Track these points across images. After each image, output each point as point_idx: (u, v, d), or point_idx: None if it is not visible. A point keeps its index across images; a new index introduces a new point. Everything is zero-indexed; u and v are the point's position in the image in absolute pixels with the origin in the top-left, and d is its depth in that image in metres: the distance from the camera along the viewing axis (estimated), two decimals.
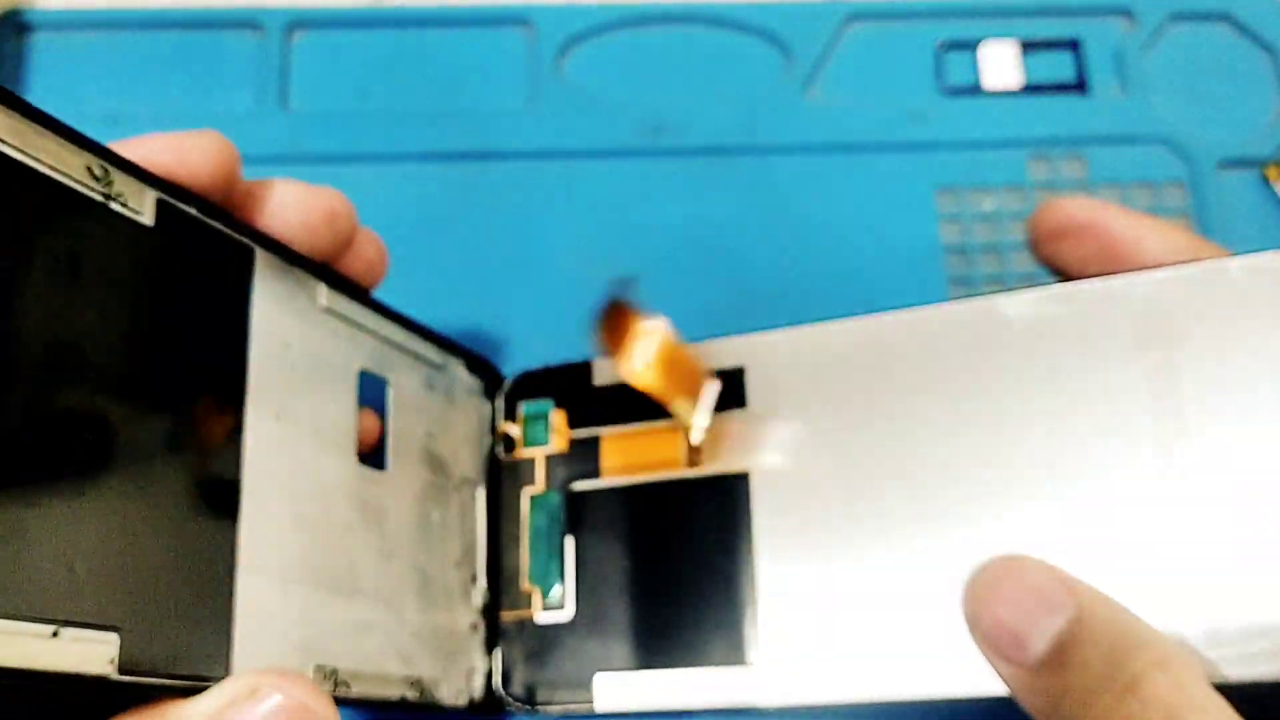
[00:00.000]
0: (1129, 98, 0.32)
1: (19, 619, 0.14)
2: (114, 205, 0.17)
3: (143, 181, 0.18)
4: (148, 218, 0.18)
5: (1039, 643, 0.17)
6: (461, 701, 0.23)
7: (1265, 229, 0.31)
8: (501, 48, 0.33)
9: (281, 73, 0.32)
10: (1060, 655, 0.17)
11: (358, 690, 0.20)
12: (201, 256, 0.19)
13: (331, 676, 0.19)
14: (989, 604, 0.17)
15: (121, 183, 0.18)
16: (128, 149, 0.18)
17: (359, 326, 0.23)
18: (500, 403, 0.26)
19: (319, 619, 0.20)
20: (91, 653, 0.15)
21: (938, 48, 0.33)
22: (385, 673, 0.21)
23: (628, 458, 0.24)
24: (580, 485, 0.24)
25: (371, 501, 0.22)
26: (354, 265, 0.23)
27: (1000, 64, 0.33)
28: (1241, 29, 0.33)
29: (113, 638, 0.16)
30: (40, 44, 0.32)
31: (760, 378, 0.23)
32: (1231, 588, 0.18)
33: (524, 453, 0.25)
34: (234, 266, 0.20)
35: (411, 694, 0.22)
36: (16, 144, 0.16)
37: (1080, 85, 0.32)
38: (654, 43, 0.33)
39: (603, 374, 0.25)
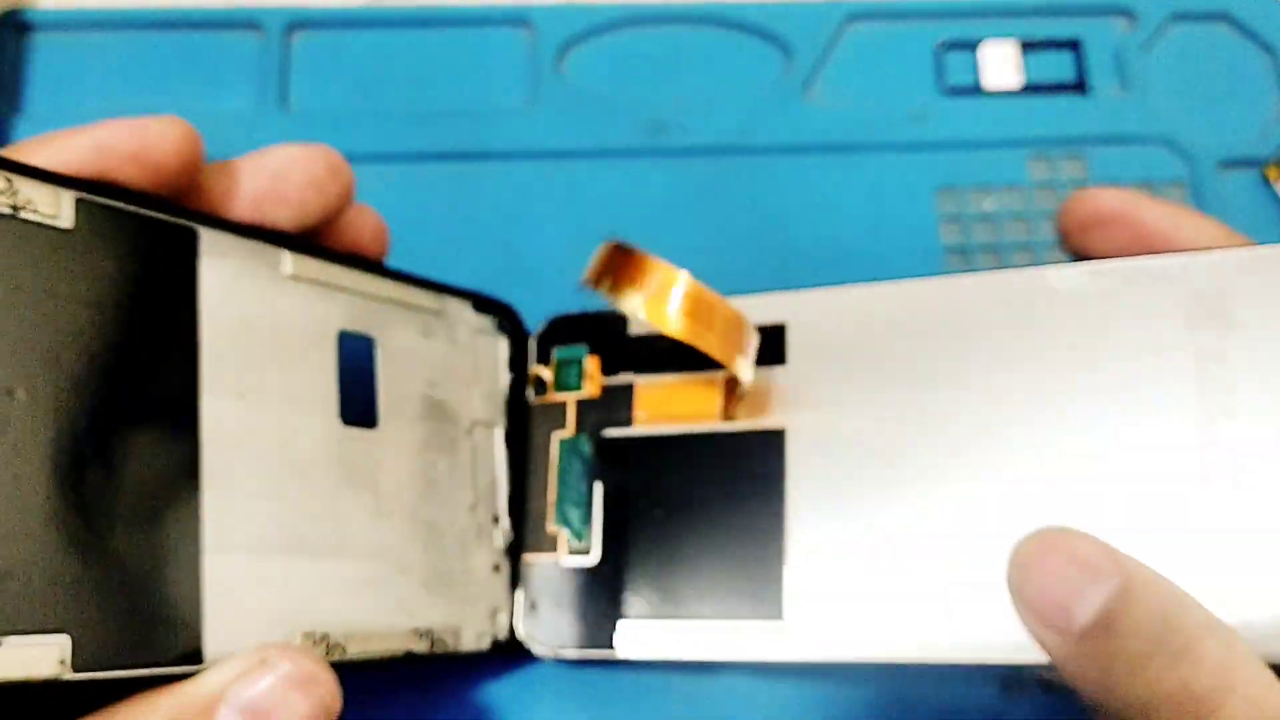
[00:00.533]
0: (1129, 98, 0.32)
1: None
2: (23, 215, 0.17)
3: (55, 184, 0.17)
4: (65, 220, 0.17)
5: (1086, 611, 0.17)
6: (485, 644, 0.23)
7: (1265, 229, 0.31)
8: (501, 47, 0.33)
9: (281, 73, 0.32)
10: (1108, 623, 0.17)
11: (355, 650, 0.20)
12: (134, 249, 0.18)
13: (323, 641, 0.19)
14: (1034, 572, 0.17)
15: (29, 190, 0.17)
16: (88, 133, 0.18)
17: (333, 288, 0.22)
18: (532, 345, 0.26)
19: (303, 585, 0.20)
20: (38, 656, 0.15)
21: (937, 48, 0.33)
22: (386, 629, 0.21)
23: (661, 407, 0.24)
24: (612, 432, 0.24)
25: (360, 461, 0.22)
26: (362, 234, 0.23)
27: (1000, 64, 0.33)
28: (1241, 29, 0.33)
29: (61, 639, 0.16)
30: (40, 44, 0.32)
31: (801, 335, 0.23)
32: (1273, 569, 0.18)
33: (555, 396, 0.25)
34: (174, 252, 0.19)
35: (420, 646, 0.22)
36: None
37: (1080, 85, 0.32)
38: (654, 42, 0.33)
39: (639, 322, 0.25)
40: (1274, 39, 0.33)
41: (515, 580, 0.25)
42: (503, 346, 0.26)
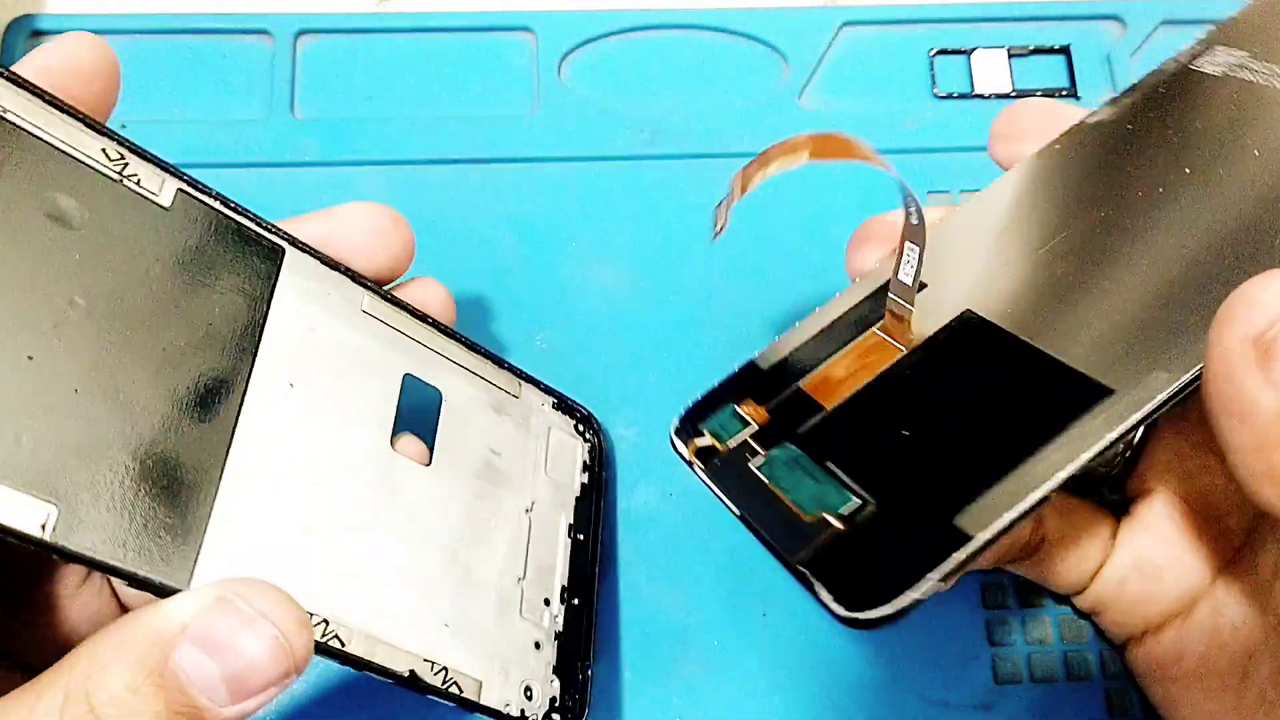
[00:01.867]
0: None
1: None
2: (127, 184, 0.20)
3: (164, 171, 0.20)
4: (165, 199, 0.20)
5: None
6: (513, 713, 0.23)
7: None
8: (504, 53, 0.34)
9: (289, 78, 0.33)
10: None
11: (357, 647, 0.20)
12: (222, 244, 0.21)
13: (322, 624, 0.20)
14: (1254, 294, 0.17)
15: (137, 166, 0.20)
16: (28, 61, 0.20)
17: (405, 335, 0.24)
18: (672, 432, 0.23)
19: (313, 572, 0.20)
20: (23, 512, 0.17)
21: (930, 54, 0.33)
22: (396, 643, 0.21)
23: (841, 377, 0.23)
24: (809, 422, 0.22)
25: (403, 486, 0.23)
26: (429, 305, 0.25)
27: (992, 69, 0.33)
28: None
29: (49, 508, 0.17)
30: None
31: (931, 255, 0.23)
32: None
33: (727, 445, 0.22)
34: (259, 258, 0.21)
35: (432, 678, 0.22)
36: (39, 124, 0.19)
37: (1072, 90, 0.33)
38: (652, 48, 0.34)
39: (767, 358, 0.23)
40: None
41: (562, 668, 0.24)
42: (581, 450, 0.27)
